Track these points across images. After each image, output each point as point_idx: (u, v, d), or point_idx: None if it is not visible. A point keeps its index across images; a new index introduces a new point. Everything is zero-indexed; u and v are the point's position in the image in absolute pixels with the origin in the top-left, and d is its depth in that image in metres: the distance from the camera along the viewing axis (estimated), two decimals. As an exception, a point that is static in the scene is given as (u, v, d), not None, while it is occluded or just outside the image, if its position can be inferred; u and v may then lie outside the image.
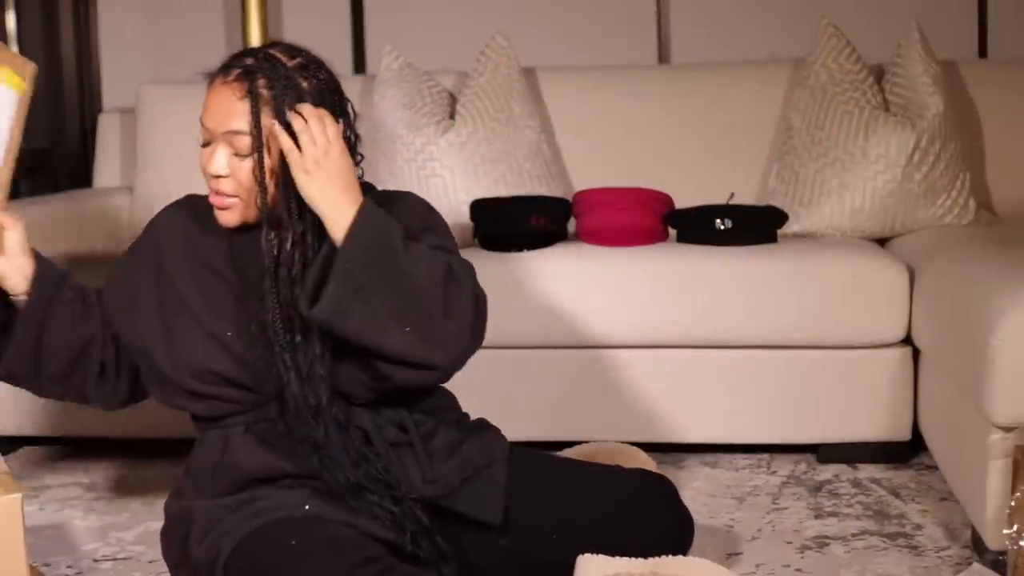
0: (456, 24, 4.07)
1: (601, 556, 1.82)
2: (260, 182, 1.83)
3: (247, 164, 1.84)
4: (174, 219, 2.01)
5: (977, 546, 2.30)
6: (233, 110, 1.83)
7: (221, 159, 1.85)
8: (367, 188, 1.92)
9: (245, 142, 1.83)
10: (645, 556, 1.85)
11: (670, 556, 1.86)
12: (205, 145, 1.87)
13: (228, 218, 1.90)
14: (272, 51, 1.87)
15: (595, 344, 2.97)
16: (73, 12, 4.21)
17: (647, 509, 1.91)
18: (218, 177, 1.86)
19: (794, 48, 3.71)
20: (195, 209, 2.01)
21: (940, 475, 2.71)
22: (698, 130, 3.61)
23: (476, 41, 3.65)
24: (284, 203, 1.83)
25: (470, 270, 1.85)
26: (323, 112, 1.81)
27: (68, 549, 2.48)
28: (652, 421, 2.96)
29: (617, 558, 1.83)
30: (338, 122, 1.86)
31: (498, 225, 3.10)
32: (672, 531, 1.95)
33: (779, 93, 3.59)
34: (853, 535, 2.46)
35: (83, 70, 4.24)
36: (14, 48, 4.06)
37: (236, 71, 1.84)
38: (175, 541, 1.91)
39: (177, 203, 2.05)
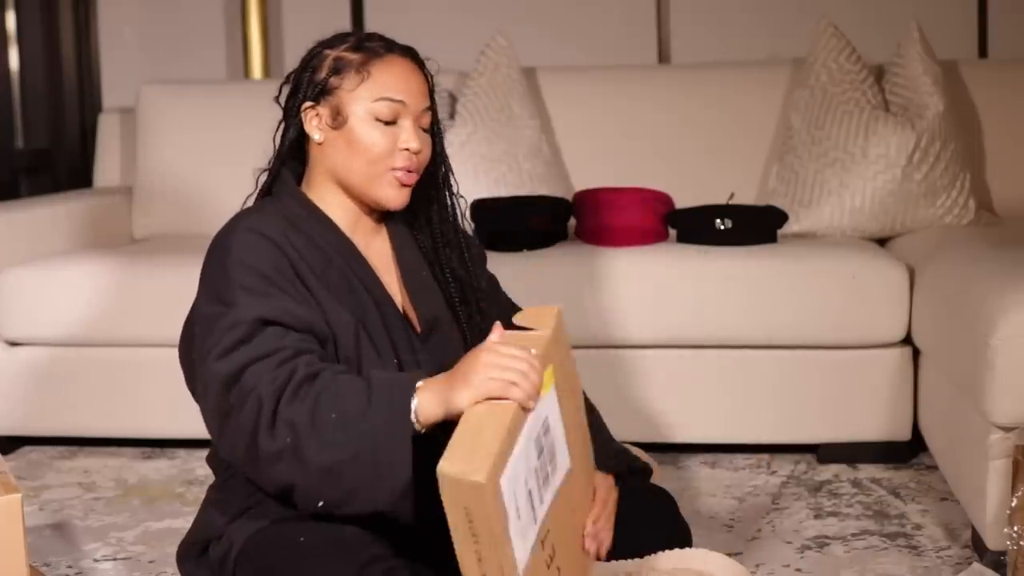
0: (456, 24, 4.08)
1: (598, 563, 1.82)
2: (439, 159, 1.87)
3: (427, 138, 1.84)
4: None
5: (977, 546, 2.30)
6: (424, 87, 1.84)
7: (421, 134, 1.83)
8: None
9: (430, 117, 1.85)
10: None
11: (664, 552, 1.85)
12: (388, 122, 1.80)
13: (407, 196, 1.84)
14: None
15: (595, 344, 2.97)
16: (73, 12, 4.21)
17: (646, 523, 1.90)
18: (417, 152, 1.82)
19: (794, 48, 3.72)
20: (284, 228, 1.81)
21: (940, 475, 2.71)
22: (698, 130, 3.61)
23: (476, 41, 3.66)
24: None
25: None
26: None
27: (68, 549, 2.48)
28: (652, 421, 2.96)
29: (613, 562, 1.83)
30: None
31: (498, 225, 3.10)
32: (671, 546, 1.94)
33: (779, 93, 3.59)
34: (853, 535, 2.46)
35: (83, 70, 4.24)
36: (14, 48, 4.07)
37: (410, 51, 1.86)
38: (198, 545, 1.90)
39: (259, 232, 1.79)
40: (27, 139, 4.13)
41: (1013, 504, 2.01)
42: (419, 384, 1.60)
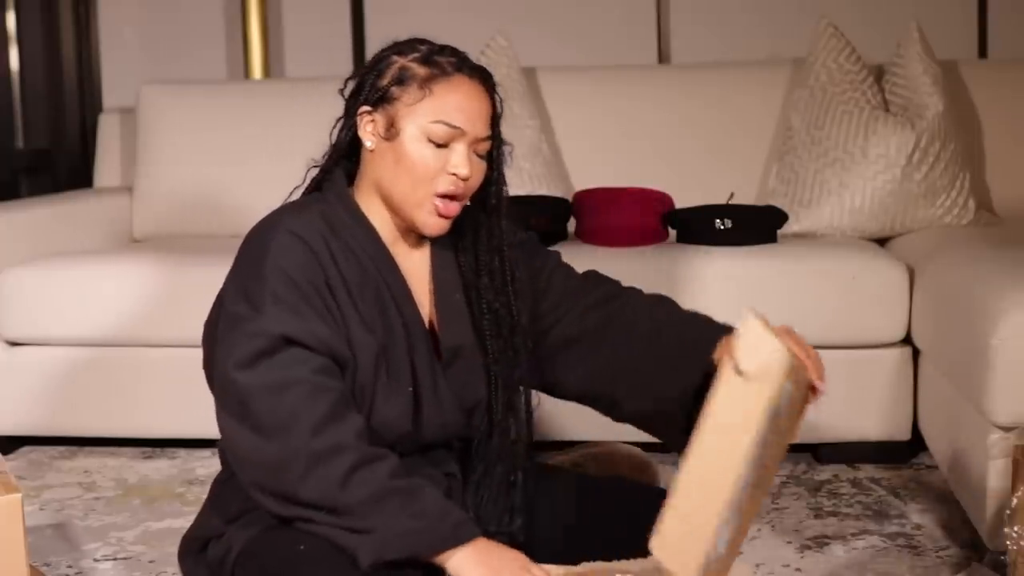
0: (456, 24, 4.06)
1: (598, 563, 1.82)
2: (493, 188, 1.83)
3: (482, 165, 1.79)
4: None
5: (977, 546, 2.30)
6: (487, 112, 1.77)
7: (474, 160, 1.77)
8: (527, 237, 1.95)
9: (487, 146, 1.79)
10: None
11: None
12: (440, 145, 1.75)
13: (446, 226, 1.79)
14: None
15: (595, 344, 2.96)
16: (73, 12, 4.21)
17: (644, 528, 1.90)
18: (466, 179, 1.76)
19: (794, 48, 3.71)
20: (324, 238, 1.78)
21: (940, 475, 2.71)
22: (698, 130, 3.61)
23: (476, 41, 3.65)
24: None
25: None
26: None
27: (68, 549, 2.48)
28: (652, 421, 2.96)
29: (613, 562, 1.83)
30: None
31: (498, 225, 3.10)
32: None
33: (779, 93, 3.59)
34: (853, 535, 2.46)
35: (83, 70, 4.24)
36: (14, 48, 4.07)
37: (480, 73, 1.78)
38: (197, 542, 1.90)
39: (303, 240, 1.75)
40: (27, 139, 4.13)
41: (1013, 504, 2.01)
42: (464, 550, 1.62)
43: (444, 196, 1.76)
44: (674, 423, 1.85)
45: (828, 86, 3.38)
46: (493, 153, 1.82)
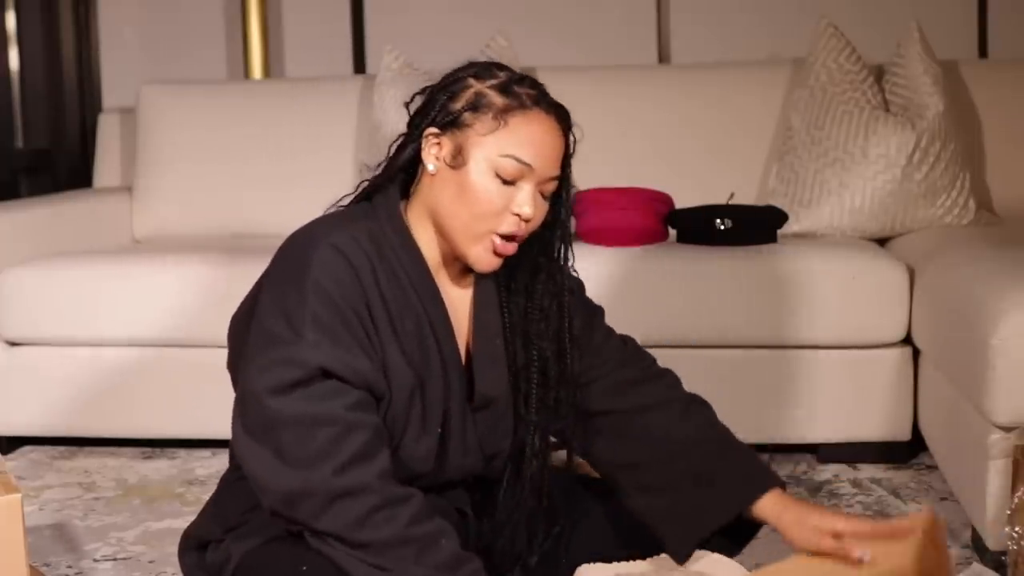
0: (456, 24, 4.07)
1: (599, 564, 1.82)
2: (556, 224, 1.74)
3: (544, 206, 1.70)
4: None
5: (977, 546, 2.30)
6: (559, 152, 1.69)
7: (539, 200, 1.69)
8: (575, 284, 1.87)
9: (554, 186, 1.70)
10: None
11: (665, 553, 1.85)
12: (507, 182, 1.66)
13: (498, 264, 1.71)
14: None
15: (595, 344, 2.97)
16: (73, 12, 4.21)
17: (645, 529, 1.89)
18: (528, 220, 1.68)
19: (794, 48, 3.71)
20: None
21: (940, 475, 2.71)
22: (698, 130, 3.61)
23: (476, 41, 3.65)
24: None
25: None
26: None
27: (68, 549, 2.48)
28: (652, 421, 2.96)
29: (615, 564, 1.83)
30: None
31: (498, 225, 3.10)
32: None
33: (779, 93, 3.59)
34: (853, 535, 2.45)
35: (83, 70, 4.24)
36: (14, 48, 4.07)
37: (558, 110, 1.71)
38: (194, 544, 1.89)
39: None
40: (27, 139, 4.13)
41: (1013, 504, 2.00)
42: None
43: (503, 236, 1.68)
44: (677, 537, 1.78)
45: (828, 86, 3.38)
46: (561, 196, 1.74)
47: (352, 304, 1.64)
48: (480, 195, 1.66)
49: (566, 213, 1.76)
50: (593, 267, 2.97)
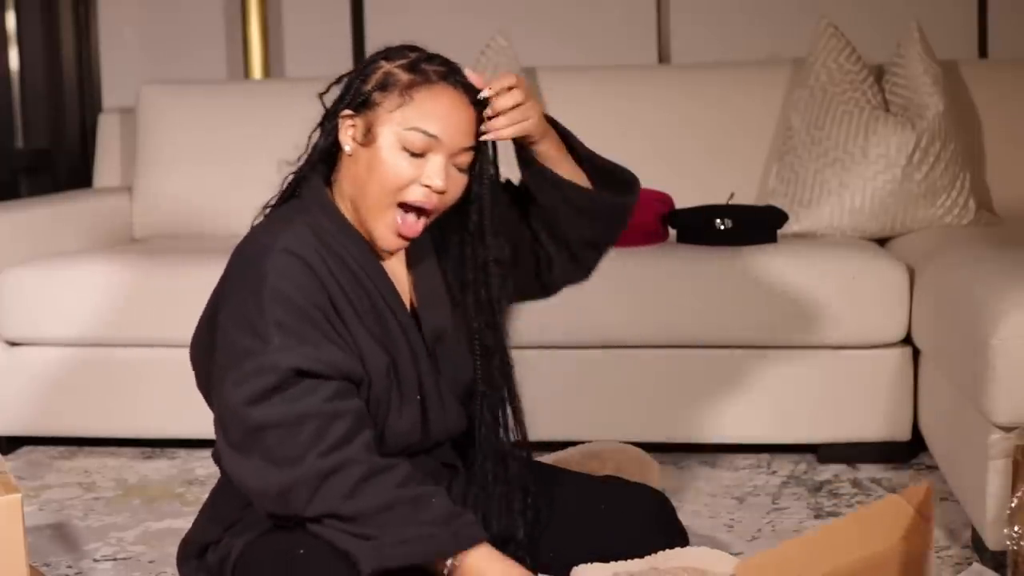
0: (456, 24, 4.07)
1: (596, 564, 1.82)
2: (478, 195, 1.78)
3: (460, 179, 1.75)
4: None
5: (977, 546, 2.29)
6: (469, 125, 1.73)
7: (452, 173, 1.72)
8: None
9: (469, 157, 1.74)
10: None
11: (665, 551, 1.86)
12: (416, 155, 1.71)
13: (402, 246, 1.76)
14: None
15: (595, 344, 2.97)
16: (73, 12, 4.21)
17: (644, 525, 1.90)
18: (441, 192, 1.71)
19: (794, 48, 3.71)
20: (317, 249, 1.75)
21: (940, 475, 2.71)
22: (698, 130, 3.61)
23: (476, 41, 3.65)
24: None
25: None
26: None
27: (68, 549, 2.48)
28: (652, 421, 2.96)
29: (611, 563, 1.83)
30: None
31: (498, 225, 3.10)
32: (669, 547, 1.94)
33: (779, 93, 3.59)
34: (853, 535, 2.45)
35: (83, 70, 4.24)
36: (14, 48, 4.07)
37: (466, 87, 1.75)
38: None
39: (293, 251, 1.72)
40: (27, 139, 4.13)
41: (1013, 504, 2.00)
42: (468, 557, 1.63)
43: (411, 208, 1.72)
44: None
45: (828, 86, 3.38)
46: (476, 170, 1.77)
47: (314, 301, 1.67)
48: (389, 168, 1.71)
49: (485, 189, 1.79)
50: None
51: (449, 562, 1.64)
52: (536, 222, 1.91)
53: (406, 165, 1.71)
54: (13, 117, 4.07)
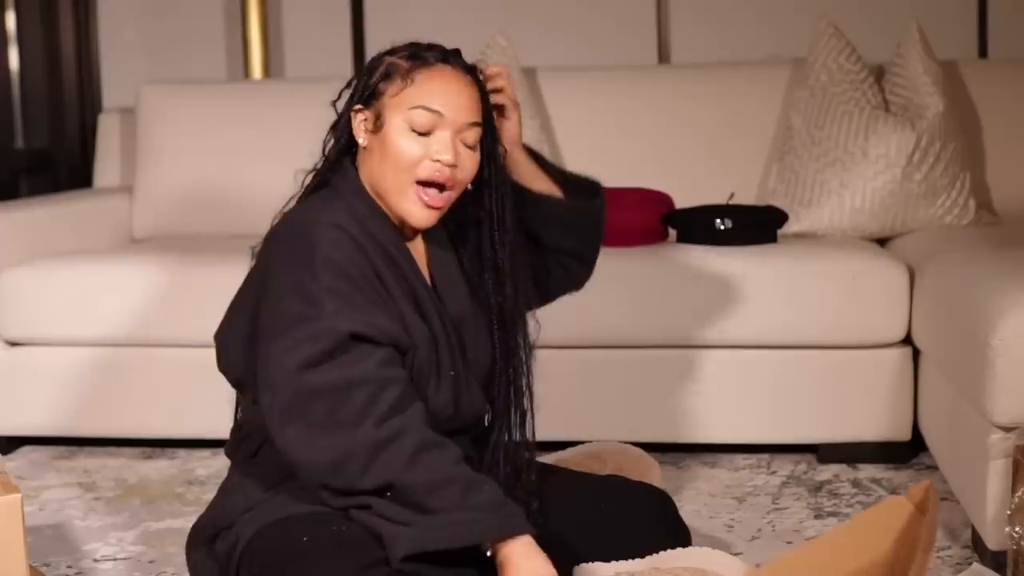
0: (456, 24, 4.07)
1: (598, 563, 1.82)
2: (488, 171, 1.84)
3: (471, 156, 1.80)
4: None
5: (977, 546, 2.30)
6: (472, 102, 1.79)
7: (460, 148, 1.78)
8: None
9: (476, 134, 1.80)
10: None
11: (667, 551, 1.86)
12: (423, 134, 1.77)
13: (434, 217, 1.80)
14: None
15: (595, 344, 2.97)
16: (73, 12, 4.21)
17: (645, 525, 1.90)
18: (452, 166, 1.77)
19: (794, 48, 3.71)
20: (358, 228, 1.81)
21: (940, 475, 2.71)
22: (698, 130, 3.61)
23: (476, 41, 3.65)
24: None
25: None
26: None
27: (68, 549, 2.48)
28: (652, 421, 2.96)
29: (613, 563, 1.83)
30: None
31: (498, 225, 3.10)
32: (671, 547, 1.94)
33: (779, 93, 3.59)
34: (853, 535, 2.45)
35: (83, 70, 4.24)
36: (14, 48, 4.07)
37: (464, 66, 1.82)
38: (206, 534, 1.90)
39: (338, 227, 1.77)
40: (27, 139, 4.13)
41: (1013, 504, 2.01)
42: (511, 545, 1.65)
43: (427, 184, 1.78)
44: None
45: (828, 86, 3.38)
46: (486, 146, 1.83)
47: (363, 272, 1.72)
48: (399, 149, 1.77)
49: (494, 168, 1.85)
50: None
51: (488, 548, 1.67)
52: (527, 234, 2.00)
53: (414, 144, 1.77)
54: (13, 117, 4.07)
